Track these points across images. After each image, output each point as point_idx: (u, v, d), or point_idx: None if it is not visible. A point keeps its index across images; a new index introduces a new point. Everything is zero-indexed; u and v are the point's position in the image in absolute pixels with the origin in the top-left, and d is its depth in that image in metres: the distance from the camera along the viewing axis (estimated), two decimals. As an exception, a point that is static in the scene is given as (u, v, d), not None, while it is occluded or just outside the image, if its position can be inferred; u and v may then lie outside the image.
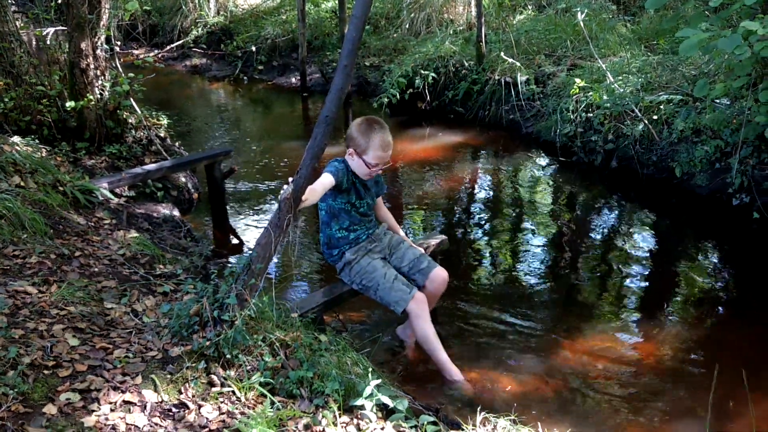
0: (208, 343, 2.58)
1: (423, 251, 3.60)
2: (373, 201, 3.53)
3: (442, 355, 3.27)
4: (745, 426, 2.92)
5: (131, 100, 5.64)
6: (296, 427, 2.31)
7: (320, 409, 2.42)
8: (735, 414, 3.03)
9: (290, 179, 2.75)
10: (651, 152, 6.01)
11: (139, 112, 5.83)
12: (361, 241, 3.45)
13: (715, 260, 4.82)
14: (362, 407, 2.44)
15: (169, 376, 2.47)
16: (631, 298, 4.25)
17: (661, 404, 3.14)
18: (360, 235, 3.45)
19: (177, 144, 6.43)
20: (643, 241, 5.07)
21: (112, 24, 9.98)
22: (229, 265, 4.48)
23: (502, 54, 8.10)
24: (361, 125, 3.29)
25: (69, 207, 4.12)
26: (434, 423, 2.46)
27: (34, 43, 6.00)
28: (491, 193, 6.15)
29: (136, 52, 12.24)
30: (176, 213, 5.28)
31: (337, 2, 9.83)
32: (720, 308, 4.14)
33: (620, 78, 6.75)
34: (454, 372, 3.25)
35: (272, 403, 2.42)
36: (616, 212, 5.70)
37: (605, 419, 3.05)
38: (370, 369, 2.69)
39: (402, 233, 3.72)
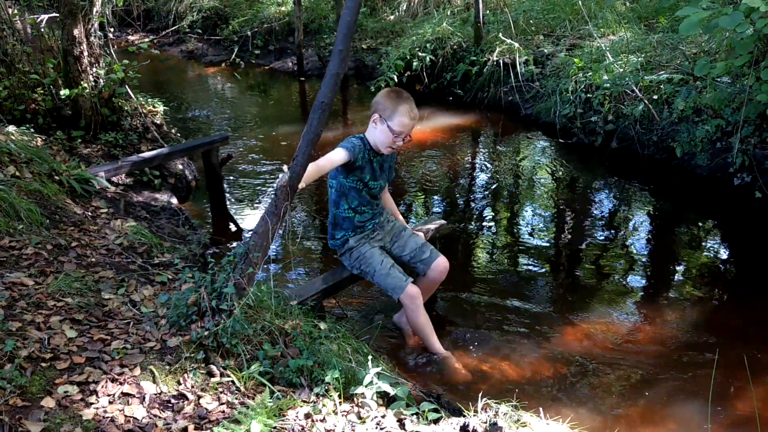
0: (206, 333, 2.56)
1: (424, 239, 3.56)
2: (385, 184, 3.45)
3: (434, 344, 3.31)
4: (746, 408, 2.92)
5: (126, 87, 5.59)
6: (296, 417, 2.30)
7: (321, 398, 2.41)
8: (737, 396, 3.02)
9: (285, 167, 2.72)
10: (651, 132, 5.96)
11: (135, 99, 5.78)
12: (366, 229, 3.42)
13: (717, 241, 4.80)
14: (363, 395, 2.43)
15: (167, 366, 2.45)
16: (632, 281, 4.23)
17: (662, 387, 3.13)
18: (366, 222, 3.40)
19: (173, 131, 6.38)
20: (643, 223, 5.04)
21: (106, 10, 9.89)
22: (228, 252, 4.47)
23: (500, 35, 8.02)
24: (390, 92, 3.21)
25: (65, 196, 4.08)
26: (435, 410, 2.45)
27: (28, 30, 5.94)
28: (491, 175, 6.12)
29: (130, 38, 12.14)
30: (174, 201, 5.26)
31: (333, -16, 9.74)
32: (721, 290, 4.12)
33: (620, 57, 6.68)
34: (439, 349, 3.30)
35: (272, 392, 2.41)
36: (617, 193, 5.67)
37: (607, 403, 3.04)
38: (371, 356, 2.68)
39: (401, 219, 3.68)
